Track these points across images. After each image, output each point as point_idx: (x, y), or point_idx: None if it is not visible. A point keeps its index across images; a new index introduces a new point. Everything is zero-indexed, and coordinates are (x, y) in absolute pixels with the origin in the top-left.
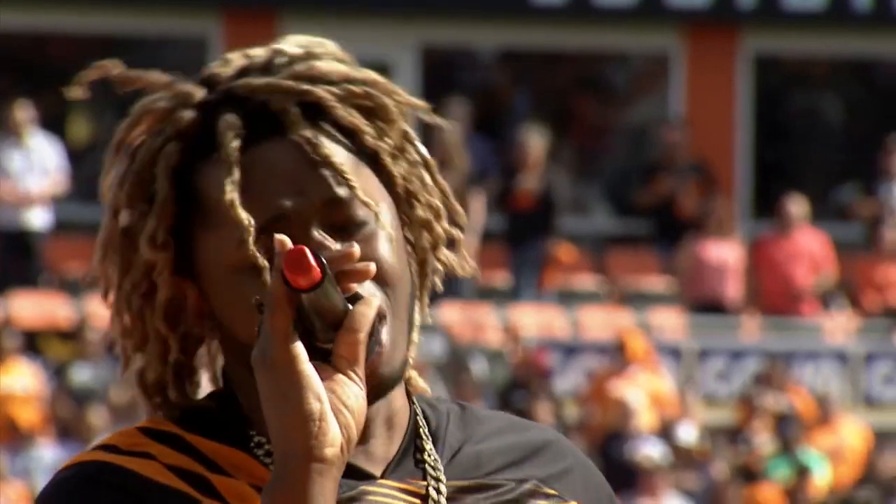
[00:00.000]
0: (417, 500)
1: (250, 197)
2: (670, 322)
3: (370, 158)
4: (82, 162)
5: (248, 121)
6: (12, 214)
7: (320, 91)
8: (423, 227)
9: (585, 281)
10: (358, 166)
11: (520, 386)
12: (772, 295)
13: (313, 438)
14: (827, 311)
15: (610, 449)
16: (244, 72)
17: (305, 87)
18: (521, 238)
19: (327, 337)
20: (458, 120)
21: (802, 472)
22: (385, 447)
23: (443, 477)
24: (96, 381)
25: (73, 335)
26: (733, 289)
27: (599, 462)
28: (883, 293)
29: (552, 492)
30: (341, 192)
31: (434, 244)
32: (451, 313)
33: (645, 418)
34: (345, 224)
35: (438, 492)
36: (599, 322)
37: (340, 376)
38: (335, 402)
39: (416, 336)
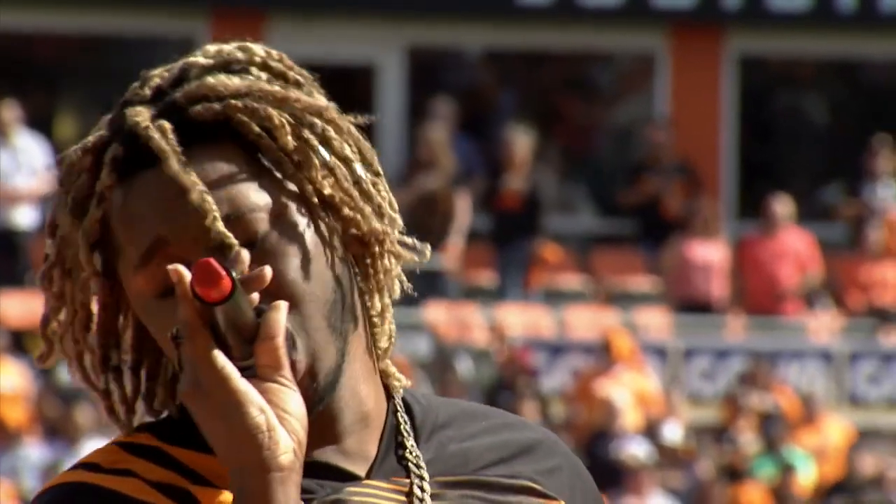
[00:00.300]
0: (403, 498)
1: (130, 227)
2: (656, 321)
3: (277, 168)
4: None
5: (132, 152)
6: (0, 215)
7: (207, 110)
8: (351, 228)
9: (571, 280)
10: (257, 180)
11: (506, 385)
12: (757, 294)
13: (266, 449)
14: (812, 311)
15: (596, 448)
16: (158, 92)
17: (190, 109)
18: (507, 238)
19: (245, 352)
20: (443, 120)
21: (787, 470)
22: (363, 445)
23: (426, 474)
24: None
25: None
26: (718, 288)
27: (585, 461)
28: (867, 293)
29: (541, 489)
30: (207, 221)
31: (370, 243)
32: (437, 313)
33: (630, 417)
34: (234, 244)
35: (422, 489)
36: (585, 321)
37: (272, 385)
38: (277, 411)
39: (358, 336)
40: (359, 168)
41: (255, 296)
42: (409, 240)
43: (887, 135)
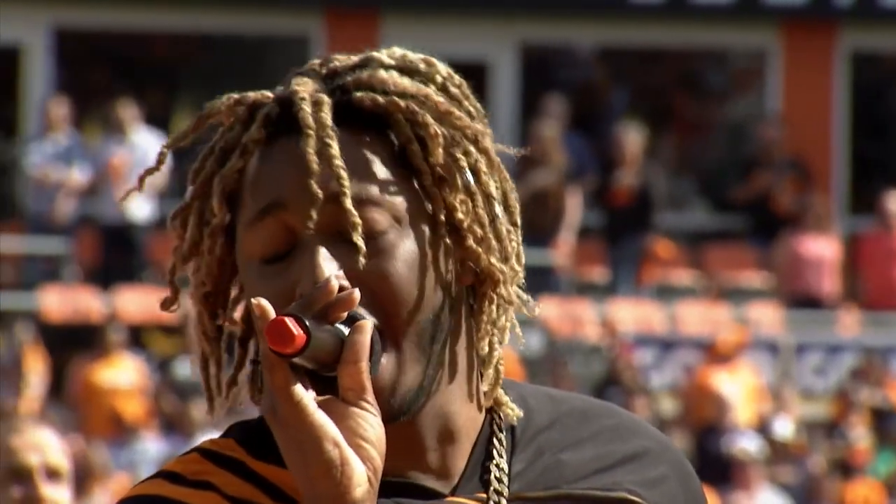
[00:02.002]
0: None
1: (256, 184)
2: (767, 317)
3: (414, 175)
4: (186, 158)
5: (285, 116)
6: (116, 210)
7: (371, 100)
8: (470, 260)
9: (683, 276)
10: (388, 177)
11: (616, 381)
12: (871, 290)
13: (339, 485)
14: None
15: (706, 443)
16: (332, 72)
17: (354, 94)
18: (619, 234)
19: (329, 370)
20: (555, 117)
21: None
22: (450, 462)
23: (506, 490)
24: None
25: (177, 330)
26: (830, 284)
27: (695, 456)
28: None
29: (639, 500)
30: (334, 188)
31: (484, 281)
32: (549, 308)
33: (741, 412)
34: (346, 231)
35: (500, 495)
36: (697, 317)
37: (352, 409)
38: (352, 439)
39: (454, 370)
40: (498, 208)
41: (357, 294)
42: (524, 294)
43: None
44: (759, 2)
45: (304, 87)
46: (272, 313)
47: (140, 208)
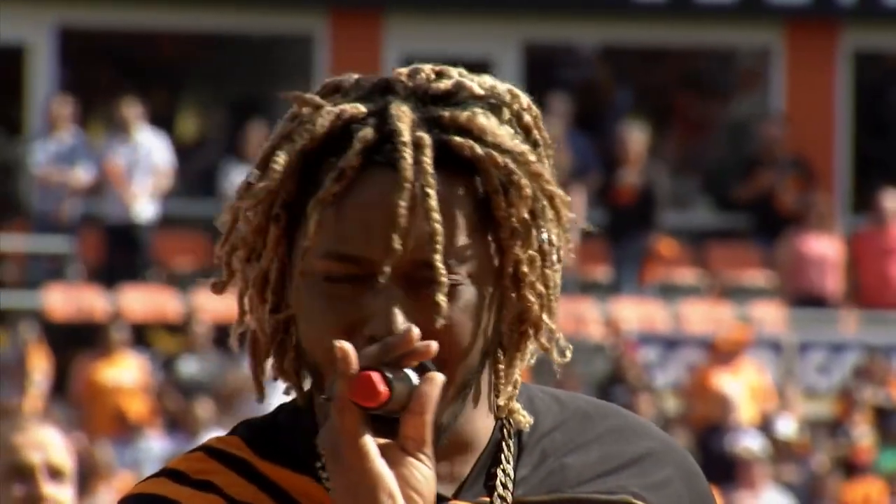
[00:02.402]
0: None
1: (343, 213)
2: (770, 316)
3: (492, 226)
4: (190, 158)
5: (381, 143)
6: (120, 209)
7: (461, 147)
8: (524, 312)
9: (686, 275)
10: (470, 227)
11: (620, 380)
12: (870, 289)
13: None
14: None
15: (710, 441)
16: (419, 92)
17: (448, 137)
18: (622, 232)
19: (392, 413)
20: (559, 116)
21: None
22: (457, 468)
23: (509, 496)
24: (204, 374)
25: (180, 328)
26: (833, 283)
27: (699, 455)
28: None
29: None
30: (428, 255)
31: (527, 329)
32: None
33: (745, 411)
34: (424, 281)
35: (504, 500)
36: (700, 316)
37: (409, 459)
38: (405, 489)
39: (483, 397)
40: (555, 257)
41: (435, 346)
42: (561, 338)
43: None
44: (762, 1)
45: (404, 122)
46: (355, 362)
47: (144, 208)
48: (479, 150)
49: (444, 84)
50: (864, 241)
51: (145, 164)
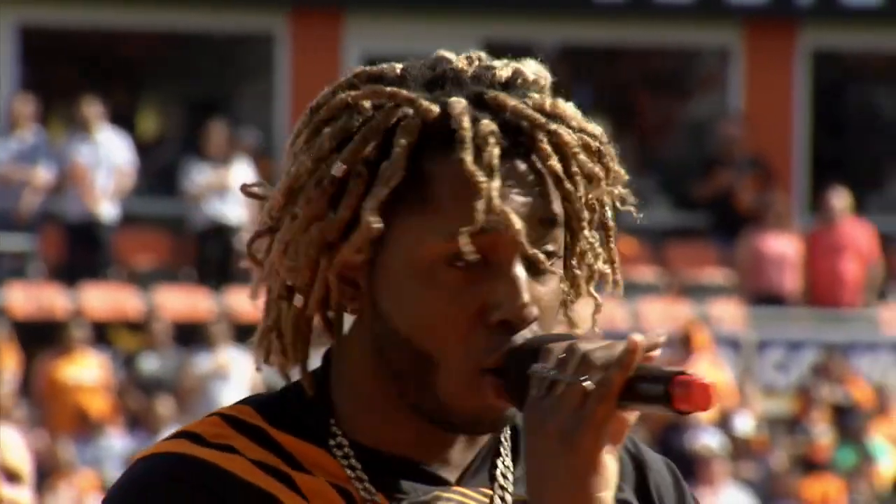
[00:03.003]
0: (487, 502)
1: (467, 196)
2: (729, 314)
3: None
4: (150, 156)
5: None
6: (81, 207)
7: (565, 135)
8: (571, 282)
9: (645, 273)
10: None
11: None
12: (823, 287)
13: None
14: (883, 303)
15: (669, 439)
16: (482, 80)
17: (554, 126)
18: None
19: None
20: None
21: (868, 461)
22: (464, 455)
23: (510, 487)
24: (164, 372)
25: (141, 326)
26: (791, 281)
27: (658, 452)
28: None
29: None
30: (548, 241)
31: (570, 300)
32: None
33: None
34: (538, 264)
35: (503, 500)
36: (659, 314)
37: (609, 456)
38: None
39: None
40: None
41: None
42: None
43: None
44: (720, 1)
45: (526, 114)
46: (644, 354)
47: (106, 207)
48: (573, 135)
49: (505, 72)
50: (816, 240)
51: (107, 162)
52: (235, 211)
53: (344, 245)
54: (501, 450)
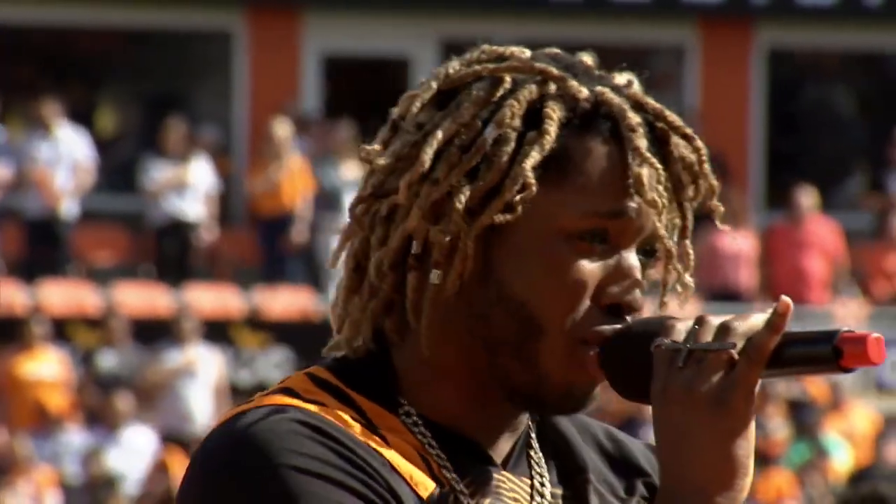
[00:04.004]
0: (528, 490)
1: (601, 183)
2: (685, 310)
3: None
4: (109, 153)
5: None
6: (41, 204)
7: (697, 140)
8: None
9: None
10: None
11: None
12: (784, 283)
13: (741, 491)
14: (839, 300)
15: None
16: (606, 80)
17: (688, 131)
18: None
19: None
20: None
21: (822, 456)
22: (507, 443)
23: (546, 474)
24: (122, 368)
25: (99, 323)
26: (747, 278)
27: None
28: (892, 281)
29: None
30: (659, 227)
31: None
32: None
33: None
34: (648, 250)
35: (542, 485)
36: None
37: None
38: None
39: None
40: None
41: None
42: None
43: None
44: (677, 0)
45: (633, 120)
46: (787, 317)
47: (65, 203)
48: (681, 134)
49: (622, 78)
50: (779, 236)
51: (66, 160)
52: (194, 207)
53: (486, 209)
54: (532, 442)
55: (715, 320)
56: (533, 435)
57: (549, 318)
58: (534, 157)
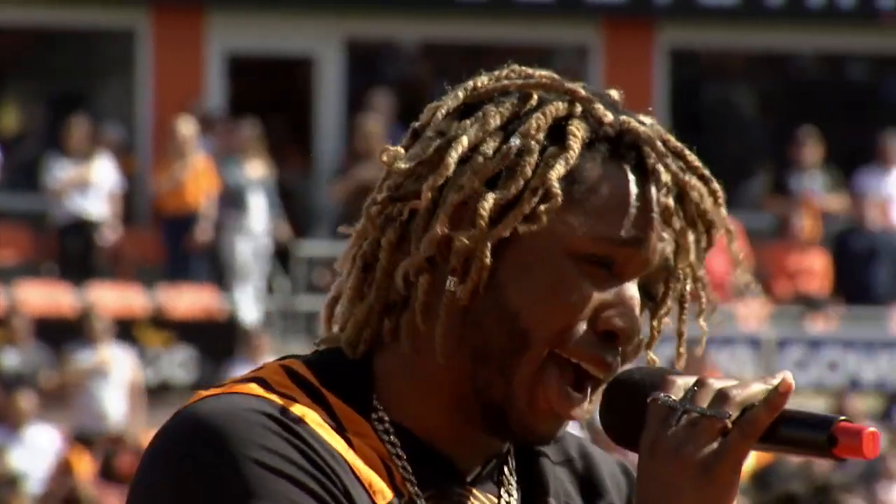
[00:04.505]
0: None
1: (615, 210)
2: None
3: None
4: (12, 152)
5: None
6: None
7: (692, 181)
8: (652, 317)
9: None
10: None
11: None
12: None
13: None
14: (741, 299)
15: None
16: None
17: (686, 177)
18: None
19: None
20: (381, 112)
21: None
22: (479, 459)
23: (515, 493)
24: (25, 367)
25: (2, 322)
26: None
27: None
28: (794, 281)
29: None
30: (664, 263)
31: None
32: None
33: None
34: (650, 293)
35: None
36: None
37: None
38: None
39: None
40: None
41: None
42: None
43: (813, 126)
44: (580, 0)
45: (664, 163)
46: (787, 395)
47: None
48: (702, 186)
49: (646, 118)
50: None
51: None
52: (97, 206)
53: (505, 218)
54: (509, 458)
55: (715, 384)
56: (510, 452)
57: (538, 332)
58: (558, 170)
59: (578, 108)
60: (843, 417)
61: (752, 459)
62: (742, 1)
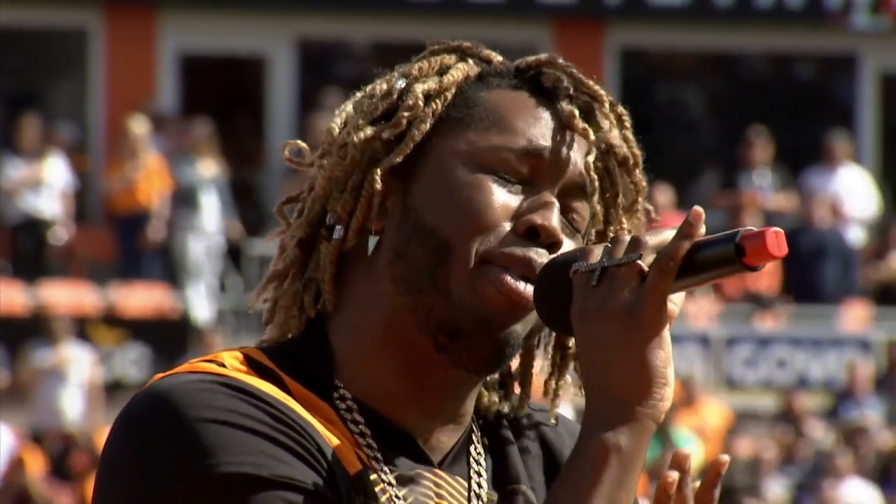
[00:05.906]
0: (464, 492)
1: (514, 124)
2: None
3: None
4: None
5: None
6: None
7: (624, 114)
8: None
9: None
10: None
11: None
12: None
13: (661, 400)
14: (690, 297)
15: None
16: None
17: (589, 83)
18: None
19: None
20: (333, 111)
21: (672, 451)
22: (444, 438)
23: (485, 474)
24: None
25: None
26: None
27: None
28: (744, 280)
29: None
30: (588, 183)
31: None
32: None
33: None
34: (570, 215)
35: (479, 486)
36: None
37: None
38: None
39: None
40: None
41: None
42: None
43: (763, 126)
44: (530, 0)
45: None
46: (701, 228)
47: None
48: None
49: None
50: None
51: None
52: (50, 205)
53: (393, 151)
54: (475, 440)
55: (628, 237)
56: (476, 434)
57: (456, 237)
58: (425, 88)
59: (469, 58)
60: (748, 228)
61: (701, 456)
62: (691, 1)
